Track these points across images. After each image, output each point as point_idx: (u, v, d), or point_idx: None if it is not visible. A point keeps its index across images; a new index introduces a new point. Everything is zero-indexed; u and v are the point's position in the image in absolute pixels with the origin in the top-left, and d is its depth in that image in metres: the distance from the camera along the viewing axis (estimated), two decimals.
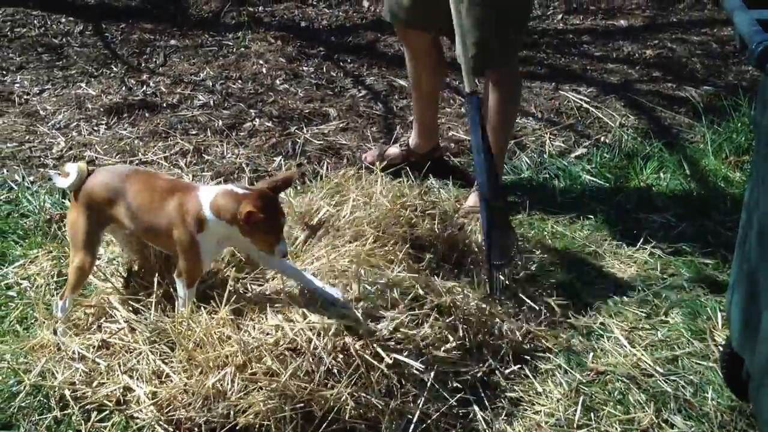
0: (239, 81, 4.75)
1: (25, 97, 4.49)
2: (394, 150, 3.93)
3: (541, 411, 2.56)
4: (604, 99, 4.71)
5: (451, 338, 2.65)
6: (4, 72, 4.75)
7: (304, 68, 4.91)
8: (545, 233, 3.48)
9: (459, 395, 2.53)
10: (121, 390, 2.47)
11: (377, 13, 5.51)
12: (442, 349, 2.62)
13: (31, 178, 3.76)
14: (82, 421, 2.44)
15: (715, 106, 4.62)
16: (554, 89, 4.82)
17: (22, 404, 2.51)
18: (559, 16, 5.94)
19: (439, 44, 3.73)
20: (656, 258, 3.33)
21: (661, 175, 3.96)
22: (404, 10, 3.48)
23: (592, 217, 3.62)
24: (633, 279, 3.20)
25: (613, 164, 4.05)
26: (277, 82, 4.74)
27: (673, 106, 4.67)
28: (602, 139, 4.31)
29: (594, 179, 3.92)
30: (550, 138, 4.29)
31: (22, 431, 2.45)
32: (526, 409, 2.57)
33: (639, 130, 4.39)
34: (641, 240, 3.43)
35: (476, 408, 2.53)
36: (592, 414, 2.56)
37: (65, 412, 2.48)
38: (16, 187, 3.67)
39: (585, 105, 4.62)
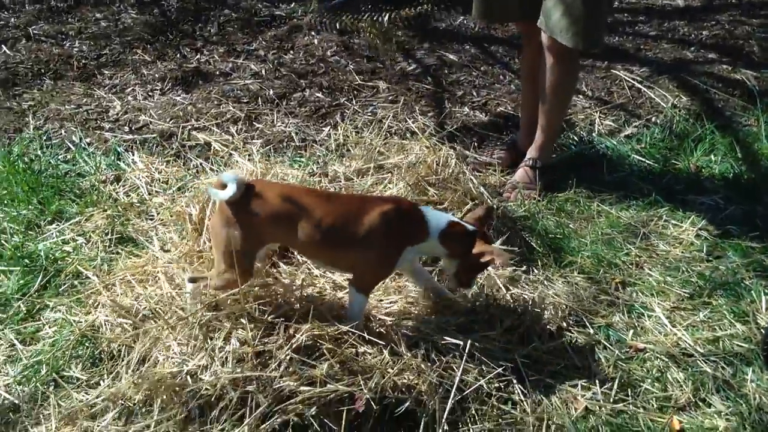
0: (291, 52, 4.80)
1: (83, 61, 4.59)
2: (500, 154, 3.89)
3: (578, 384, 2.57)
4: (656, 79, 4.66)
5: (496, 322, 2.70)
6: (63, 37, 4.85)
7: (356, 41, 4.92)
8: (591, 211, 3.48)
9: (498, 369, 2.53)
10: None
11: None
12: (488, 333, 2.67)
13: (88, 140, 3.86)
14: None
15: None
16: (606, 68, 4.78)
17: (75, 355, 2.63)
18: None
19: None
20: (702, 240, 3.31)
21: (712, 157, 3.92)
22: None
23: (639, 196, 3.60)
24: (678, 259, 3.18)
25: (663, 145, 4.02)
26: (329, 53, 4.77)
27: (728, 88, 4.59)
28: (653, 119, 4.26)
29: (643, 159, 3.89)
30: (600, 117, 4.26)
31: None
32: (563, 382, 2.58)
33: (691, 111, 4.32)
34: (688, 221, 3.41)
35: (514, 379, 2.54)
36: (629, 390, 2.57)
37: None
38: (73, 148, 3.78)
39: (637, 85, 4.57)
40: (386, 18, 3.97)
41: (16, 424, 2.42)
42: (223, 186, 2.43)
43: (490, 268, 2.79)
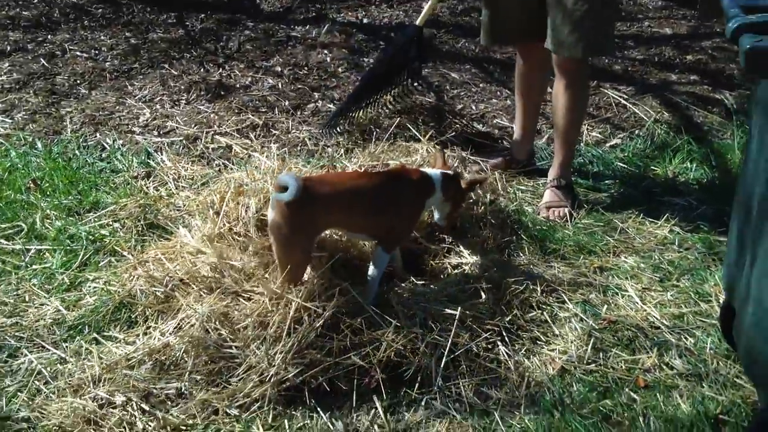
0: (305, 68, 5.20)
1: (115, 73, 5.01)
2: (496, 160, 4.21)
3: (556, 349, 2.92)
4: (641, 97, 5.03)
5: (484, 295, 3.06)
6: (97, 51, 5.29)
7: (365, 59, 5.33)
8: (575, 208, 3.83)
9: (486, 334, 2.90)
10: None
11: (435, 14, 5.91)
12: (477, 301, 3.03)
13: (121, 142, 4.26)
14: None
15: (746, 107, 4.90)
16: (596, 87, 5.16)
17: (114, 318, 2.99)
18: None
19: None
20: (675, 234, 3.65)
21: (688, 164, 4.28)
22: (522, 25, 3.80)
23: (620, 197, 3.96)
24: (651, 249, 3.53)
25: (644, 154, 4.39)
26: (340, 70, 5.18)
27: (707, 106, 4.96)
28: (636, 132, 4.63)
29: (625, 166, 4.26)
30: (588, 129, 4.64)
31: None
32: (542, 347, 2.93)
33: (672, 125, 4.68)
34: (663, 218, 3.75)
35: (499, 343, 2.90)
36: (600, 354, 2.91)
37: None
38: (108, 148, 4.18)
39: (623, 102, 4.95)
40: (370, 109, 4.45)
41: (63, 373, 2.77)
42: (283, 188, 2.65)
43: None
